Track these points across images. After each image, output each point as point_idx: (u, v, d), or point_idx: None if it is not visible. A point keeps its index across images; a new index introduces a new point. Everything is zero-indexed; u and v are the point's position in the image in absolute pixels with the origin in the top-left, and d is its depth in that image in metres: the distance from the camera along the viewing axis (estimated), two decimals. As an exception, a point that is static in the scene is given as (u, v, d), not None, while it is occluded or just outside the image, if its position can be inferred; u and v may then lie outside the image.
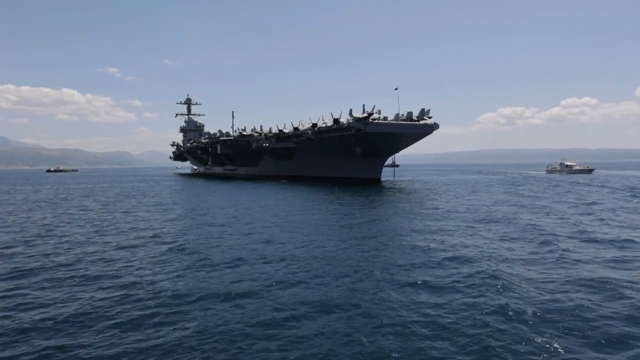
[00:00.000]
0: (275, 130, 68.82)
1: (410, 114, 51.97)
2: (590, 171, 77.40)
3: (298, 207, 26.57)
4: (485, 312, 8.19)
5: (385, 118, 52.23)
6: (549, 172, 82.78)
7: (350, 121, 50.19)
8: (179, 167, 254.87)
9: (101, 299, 9.25)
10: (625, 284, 9.82)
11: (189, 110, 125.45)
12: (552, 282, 10.07)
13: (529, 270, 11.25)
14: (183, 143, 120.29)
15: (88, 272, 11.51)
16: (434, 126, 52.17)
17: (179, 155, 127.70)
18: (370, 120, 49.11)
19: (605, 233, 16.46)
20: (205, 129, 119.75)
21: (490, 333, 7.27)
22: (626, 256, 12.65)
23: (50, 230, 19.15)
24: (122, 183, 68.76)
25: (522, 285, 9.75)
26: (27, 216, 24.57)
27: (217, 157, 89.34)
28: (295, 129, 63.05)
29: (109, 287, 10.14)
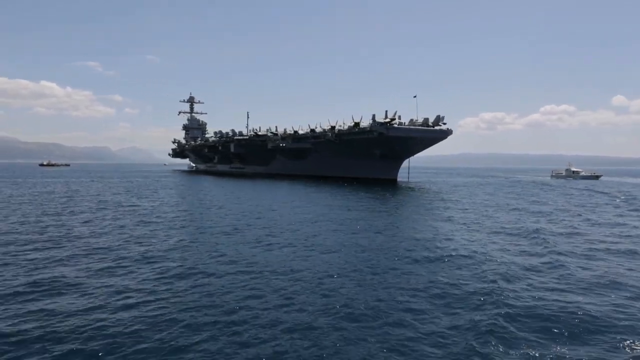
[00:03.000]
0: (290, 131, 71.98)
1: (426, 120, 55.76)
2: (597, 177, 73.97)
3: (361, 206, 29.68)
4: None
5: (402, 123, 55.93)
6: (553, 177, 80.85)
7: (372, 125, 53.78)
8: (166, 164, 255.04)
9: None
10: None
11: (191, 108, 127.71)
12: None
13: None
14: (186, 140, 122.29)
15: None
16: (448, 132, 56.27)
17: (179, 152, 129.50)
18: (392, 125, 52.78)
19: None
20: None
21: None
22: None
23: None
24: (160, 179, 69.26)
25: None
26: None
27: (225, 156, 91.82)
28: (312, 130, 66.43)
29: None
